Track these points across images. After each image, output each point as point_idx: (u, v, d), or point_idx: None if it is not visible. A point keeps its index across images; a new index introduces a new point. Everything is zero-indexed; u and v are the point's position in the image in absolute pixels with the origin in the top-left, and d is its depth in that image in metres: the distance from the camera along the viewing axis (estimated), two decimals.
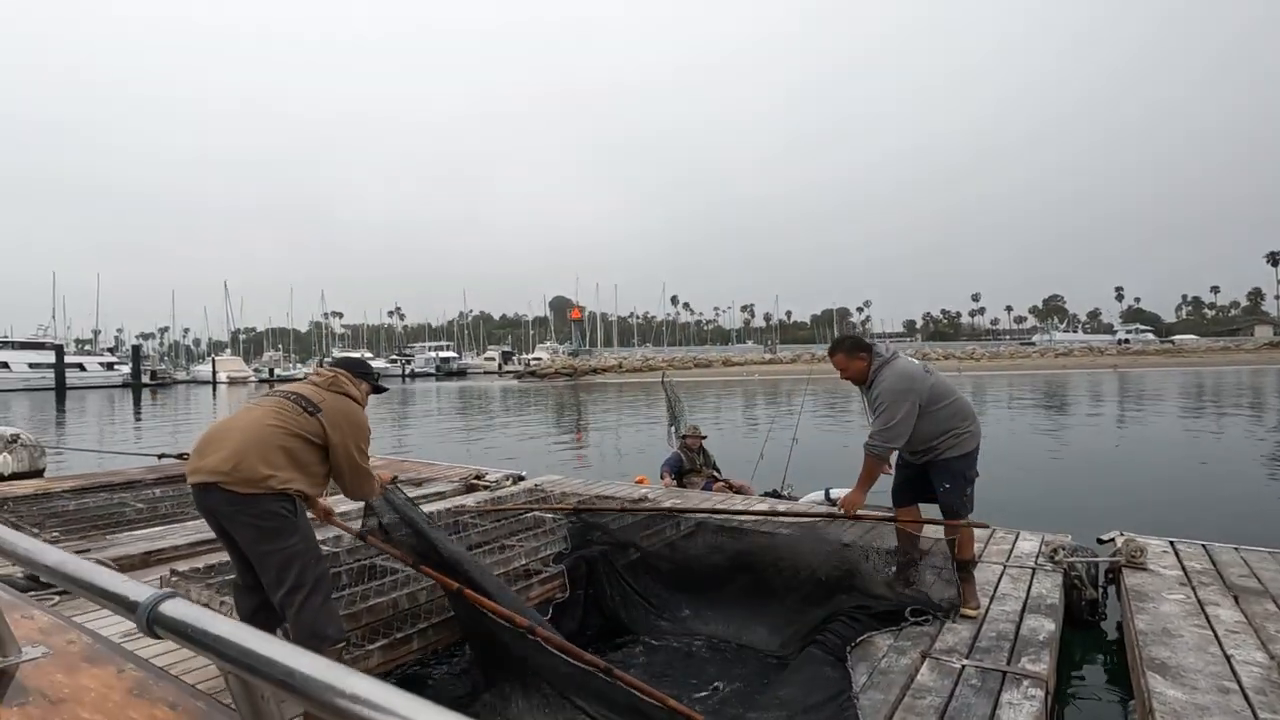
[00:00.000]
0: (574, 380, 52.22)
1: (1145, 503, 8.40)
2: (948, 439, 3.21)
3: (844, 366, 3.41)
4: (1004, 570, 3.95)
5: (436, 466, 8.01)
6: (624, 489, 6.34)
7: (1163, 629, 3.04)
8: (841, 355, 3.41)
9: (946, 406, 3.22)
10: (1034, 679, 2.64)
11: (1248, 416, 18.17)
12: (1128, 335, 79.62)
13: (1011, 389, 31.29)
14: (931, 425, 3.20)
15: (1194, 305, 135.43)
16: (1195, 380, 33.99)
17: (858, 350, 3.38)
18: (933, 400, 3.19)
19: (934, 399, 3.20)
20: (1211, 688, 2.51)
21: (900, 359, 3.34)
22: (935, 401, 3.20)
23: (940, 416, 3.20)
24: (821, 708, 2.49)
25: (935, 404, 3.19)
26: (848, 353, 3.39)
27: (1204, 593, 3.47)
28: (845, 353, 3.40)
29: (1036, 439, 15.00)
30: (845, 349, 3.42)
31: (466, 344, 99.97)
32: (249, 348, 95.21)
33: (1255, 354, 58.20)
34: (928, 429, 3.20)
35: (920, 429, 3.19)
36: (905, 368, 3.26)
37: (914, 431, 3.18)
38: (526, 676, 2.70)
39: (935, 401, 3.20)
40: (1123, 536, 4.18)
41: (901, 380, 3.18)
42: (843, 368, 3.42)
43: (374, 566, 3.94)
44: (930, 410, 3.18)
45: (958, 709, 2.47)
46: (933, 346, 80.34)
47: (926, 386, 3.20)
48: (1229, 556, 4.01)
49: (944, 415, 3.20)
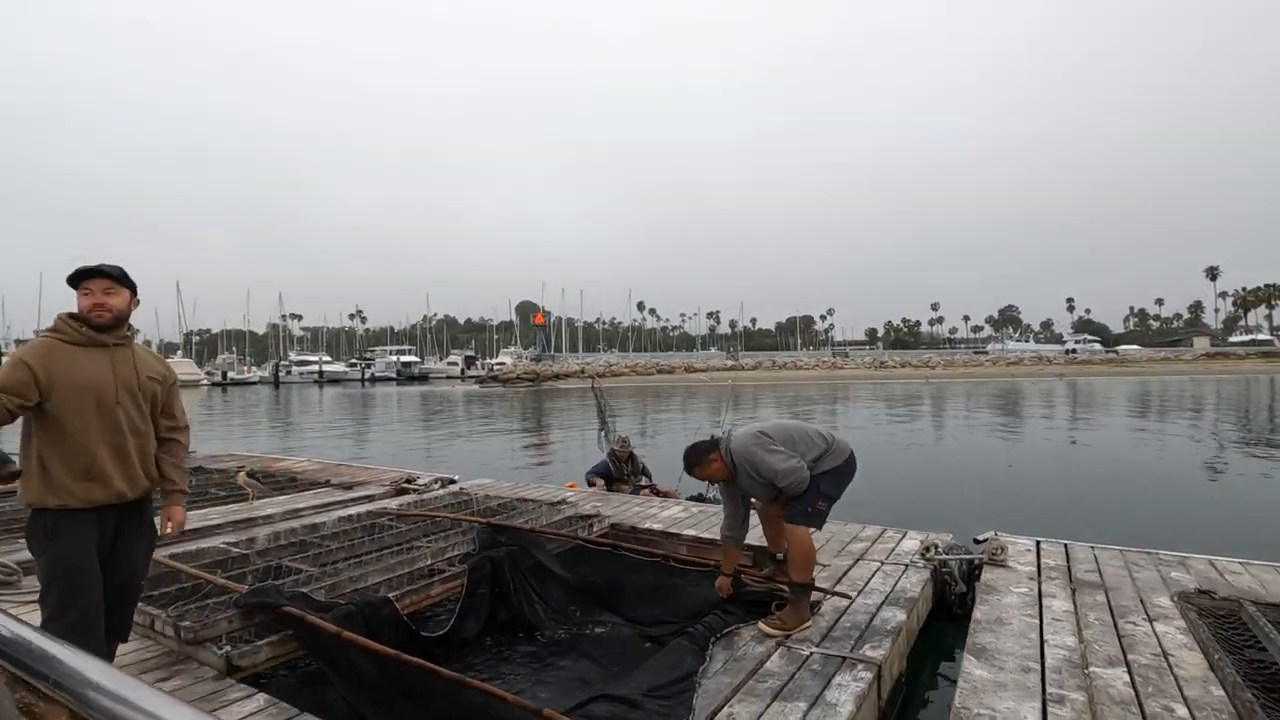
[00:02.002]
0: (536, 386, 52.08)
1: (1050, 504, 8.90)
2: (810, 462, 3.34)
3: (705, 475, 3.47)
4: (880, 567, 4.26)
5: (372, 470, 8.09)
6: (545, 492, 6.53)
7: (996, 618, 3.35)
8: (698, 469, 3.44)
9: (802, 442, 3.36)
10: (867, 663, 2.91)
11: (1171, 424, 19.13)
12: (1075, 345, 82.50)
13: (963, 396, 32.29)
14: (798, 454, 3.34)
15: (1140, 317, 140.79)
16: (1135, 389, 35.48)
17: (705, 454, 3.39)
18: (788, 442, 3.35)
19: (787, 441, 3.35)
20: (1017, 668, 2.81)
21: (736, 433, 3.42)
22: (790, 443, 3.35)
23: (800, 446, 3.35)
24: (667, 688, 2.73)
25: (791, 444, 3.34)
26: (701, 462, 3.41)
27: (1047, 586, 3.80)
28: (698, 465, 3.41)
29: (973, 443, 15.61)
30: (695, 462, 3.42)
31: (430, 348, 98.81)
32: (203, 350, 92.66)
33: (1193, 364, 60.83)
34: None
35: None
36: (742, 438, 3.35)
37: (765, 478, 3.29)
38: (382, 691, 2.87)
39: (790, 443, 3.35)
40: (993, 536, 4.52)
41: (744, 446, 3.29)
42: (707, 477, 3.48)
43: (280, 567, 4.06)
44: (793, 447, 3.35)
45: (792, 690, 2.72)
46: (893, 355, 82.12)
47: (768, 432, 3.35)
48: (1084, 554, 4.38)
49: (802, 445, 3.35)
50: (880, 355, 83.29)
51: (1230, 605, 3.40)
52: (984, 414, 23.95)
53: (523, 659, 3.65)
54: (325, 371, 69.83)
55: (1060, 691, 2.61)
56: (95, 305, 2.43)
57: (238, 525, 5.28)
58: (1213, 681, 2.68)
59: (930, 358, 73.49)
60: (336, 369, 72.38)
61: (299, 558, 4.33)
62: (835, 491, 3.39)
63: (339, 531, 4.90)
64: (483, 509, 5.58)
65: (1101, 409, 24.62)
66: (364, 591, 3.65)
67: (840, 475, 3.40)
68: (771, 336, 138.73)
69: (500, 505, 5.70)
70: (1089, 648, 3.00)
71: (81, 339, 2.42)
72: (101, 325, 2.44)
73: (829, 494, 3.35)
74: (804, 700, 2.63)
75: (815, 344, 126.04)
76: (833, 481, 3.37)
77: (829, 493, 3.35)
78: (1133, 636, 3.12)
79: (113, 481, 2.39)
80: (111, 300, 2.46)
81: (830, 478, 3.35)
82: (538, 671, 3.48)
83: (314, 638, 3.13)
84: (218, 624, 3.12)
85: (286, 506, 5.93)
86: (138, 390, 2.51)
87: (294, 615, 3.17)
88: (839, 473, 3.39)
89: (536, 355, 77.85)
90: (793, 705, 2.60)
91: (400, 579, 3.89)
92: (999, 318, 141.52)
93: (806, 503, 3.32)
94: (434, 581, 3.90)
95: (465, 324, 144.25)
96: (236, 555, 4.25)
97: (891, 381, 48.95)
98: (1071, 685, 2.66)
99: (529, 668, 3.55)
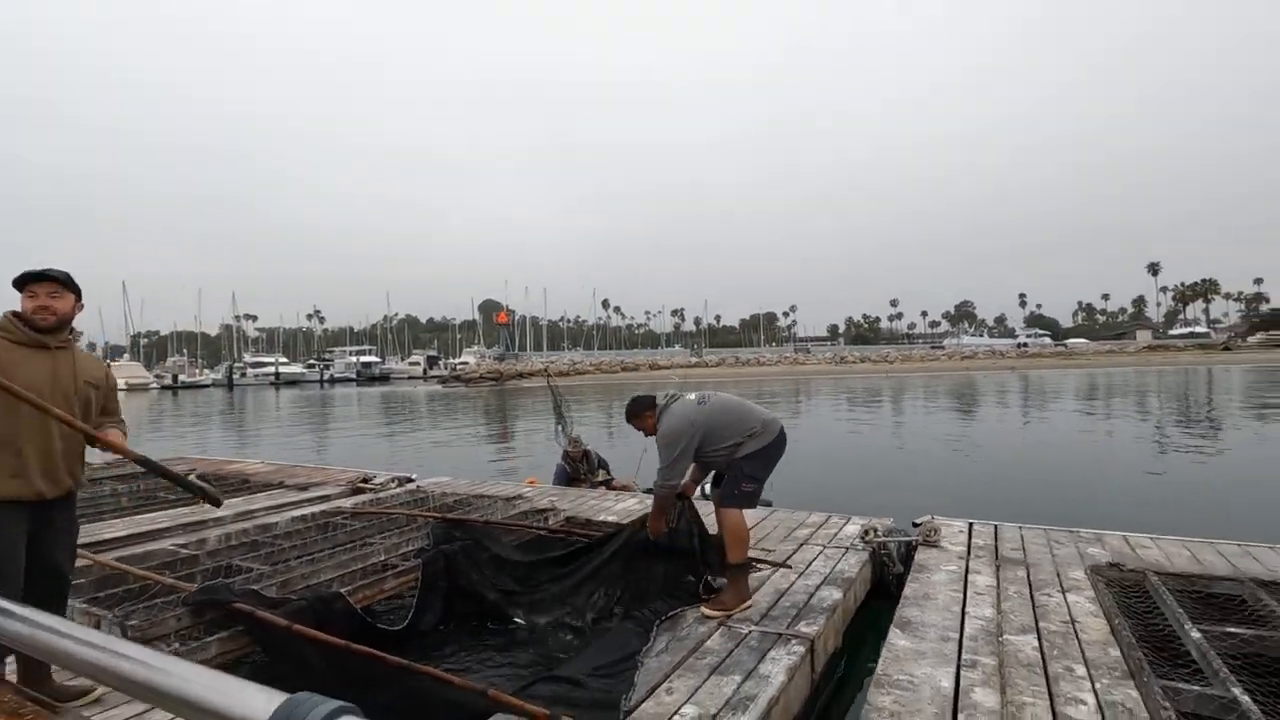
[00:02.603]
0: (500, 385, 51.73)
1: (992, 488, 9.31)
2: (733, 449, 3.52)
3: (640, 427, 3.73)
4: (822, 550, 4.45)
5: (328, 470, 8.04)
6: (502, 488, 6.59)
7: (924, 594, 3.56)
8: (635, 420, 3.73)
9: (731, 425, 3.52)
10: (801, 639, 3.08)
11: (1111, 413, 20.01)
12: (1026, 339, 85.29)
13: (921, 389, 33.16)
14: (722, 443, 3.52)
15: (1088, 311, 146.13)
16: (1081, 381, 36.89)
17: (644, 410, 3.68)
18: (715, 426, 3.51)
19: (715, 424, 3.51)
20: (937, 638, 3.01)
21: (673, 406, 3.61)
22: (717, 426, 3.51)
23: (727, 433, 3.51)
24: (609, 667, 2.86)
25: (718, 428, 3.51)
26: (637, 415, 3.70)
27: (974, 564, 4.04)
28: (636, 416, 3.71)
29: (926, 433, 16.11)
30: (633, 413, 3.72)
31: (391, 348, 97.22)
32: (151, 353, 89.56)
33: (1135, 357, 63.44)
34: (719, 447, 3.52)
35: (715, 450, 3.52)
36: (675, 412, 3.55)
37: (714, 453, 3.53)
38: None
39: (717, 426, 3.51)
40: (929, 519, 4.76)
41: (671, 424, 3.50)
42: (640, 428, 3.75)
43: (231, 566, 4.07)
44: (717, 433, 3.51)
45: (729, 665, 2.87)
46: (853, 350, 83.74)
47: (702, 419, 3.50)
48: (1011, 534, 4.65)
49: (730, 431, 3.51)
50: (841, 351, 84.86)
51: (1136, 576, 3.68)
52: (938, 406, 24.68)
53: (481, 648, 3.72)
54: (282, 373, 68.02)
55: (974, 657, 2.81)
56: (39, 308, 2.46)
57: (188, 528, 5.24)
58: (1112, 644, 2.92)
59: (889, 353, 75.18)
60: (293, 370, 70.60)
61: (250, 557, 4.34)
62: (760, 473, 3.52)
63: (292, 531, 4.91)
64: (439, 505, 5.64)
65: (1049, 400, 25.59)
66: (316, 587, 3.69)
67: (765, 456, 3.52)
68: (736, 333, 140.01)
69: (456, 501, 5.76)
70: (1005, 618, 3.22)
71: (24, 339, 2.45)
72: (45, 328, 2.47)
73: (753, 475, 3.50)
74: (739, 673, 2.78)
75: (778, 340, 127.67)
76: (758, 463, 3.50)
77: (753, 474, 3.49)
78: (1046, 607, 3.35)
79: (34, 481, 2.42)
80: (56, 304, 2.49)
81: (755, 460, 3.49)
82: (494, 659, 3.56)
83: (265, 633, 3.18)
84: (166, 622, 3.14)
85: (239, 509, 5.88)
86: (74, 395, 2.55)
87: (244, 611, 3.21)
88: (764, 454, 3.51)
89: (500, 354, 77.21)
90: (728, 679, 2.75)
91: (354, 574, 3.94)
92: (955, 313, 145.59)
93: (732, 486, 3.49)
94: (387, 576, 3.96)
95: (428, 323, 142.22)
96: (186, 556, 4.24)
97: (851, 376, 49.96)
98: (985, 652, 2.87)
99: (486, 656, 3.63)
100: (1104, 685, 2.56)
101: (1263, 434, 14.78)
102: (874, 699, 2.48)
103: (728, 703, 2.57)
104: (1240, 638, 2.87)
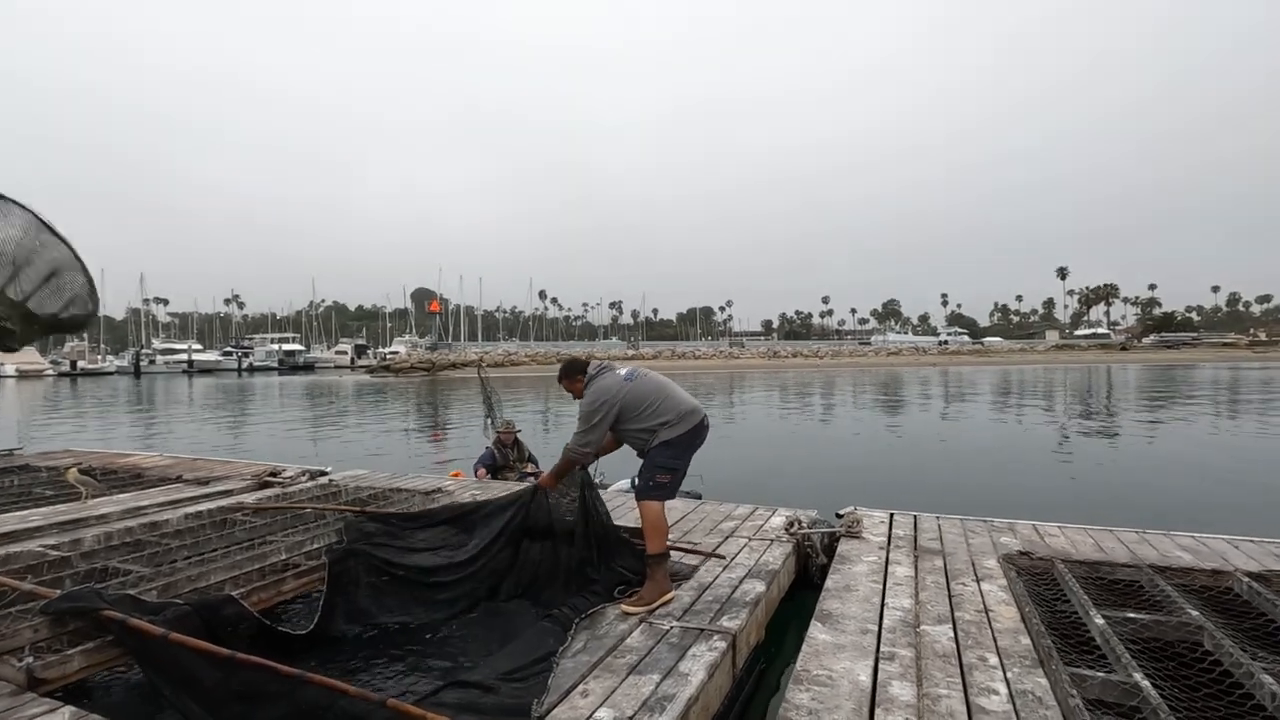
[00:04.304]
0: (431, 375, 50.36)
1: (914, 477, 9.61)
2: (648, 435, 3.45)
3: (570, 389, 3.71)
4: (747, 542, 4.42)
5: (233, 464, 7.52)
6: (421, 482, 6.31)
7: (845, 586, 3.56)
8: (565, 380, 3.72)
9: (649, 408, 3.45)
10: (723, 633, 3.01)
11: (1022, 407, 21.12)
12: (947, 337, 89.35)
13: (849, 384, 34.18)
14: (637, 424, 3.46)
15: (1003, 312, 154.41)
16: (996, 377, 38.88)
17: (576, 373, 3.68)
18: (633, 404, 3.44)
19: (634, 403, 3.44)
20: (857, 630, 3.00)
21: (602, 375, 3.57)
22: (636, 405, 3.44)
23: (644, 415, 3.44)
24: (523, 670, 2.71)
25: (636, 407, 3.44)
26: (569, 377, 3.70)
27: (894, 554, 4.08)
28: (567, 378, 3.71)
29: (852, 426, 16.56)
30: (566, 373, 3.73)
31: (316, 336, 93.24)
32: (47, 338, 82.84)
33: (1044, 355, 67.53)
34: (634, 427, 3.47)
35: (629, 429, 3.49)
36: (602, 382, 3.51)
37: (627, 433, 3.51)
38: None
39: (636, 405, 3.44)
40: (852, 511, 4.80)
41: (596, 394, 3.47)
42: (569, 389, 3.71)
43: (107, 569, 3.70)
44: (634, 413, 3.44)
45: (648, 663, 2.77)
46: (785, 345, 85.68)
47: (622, 395, 3.44)
48: (929, 524, 4.74)
49: (647, 414, 3.44)
50: (774, 346, 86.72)
51: (1045, 564, 3.79)
52: (866, 400, 25.48)
53: (392, 652, 3.50)
54: (195, 361, 64.15)
55: (892, 649, 2.80)
56: None
57: (64, 527, 4.76)
58: (1023, 632, 2.97)
59: (819, 348, 77.36)
60: (208, 358, 66.68)
61: (133, 558, 3.96)
62: (674, 462, 3.45)
63: (184, 529, 4.51)
64: (352, 500, 5.32)
65: (967, 395, 26.82)
66: (205, 591, 3.38)
67: (680, 445, 3.45)
68: (673, 327, 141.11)
69: (371, 495, 5.46)
70: (922, 608, 3.24)
71: None
72: None
73: (666, 465, 3.42)
74: (658, 672, 2.68)
75: (714, 334, 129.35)
76: (671, 453, 3.43)
77: (666, 464, 3.42)
78: (961, 596, 3.40)
79: None
80: None
81: (668, 449, 3.42)
82: (406, 663, 3.35)
83: (139, 643, 2.87)
84: (20, 633, 2.79)
85: (127, 505, 5.39)
86: None
87: (115, 619, 2.89)
88: (679, 444, 3.44)
89: (432, 344, 75.21)
90: (647, 678, 2.64)
91: (249, 576, 3.64)
92: (883, 311, 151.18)
93: (647, 478, 3.43)
94: (286, 577, 3.68)
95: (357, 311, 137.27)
96: (55, 559, 3.82)
97: (784, 370, 51.10)
98: (903, 643, 2.86)
99: (398, 660, 3.41)
100: (1015, 674, 2.58)
101: (1155, 427, 15.88)
102: (792, 696, 2.42)
103: (644, 704, 2.46)
104: (1139, 623, 2.97)
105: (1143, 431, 15.24)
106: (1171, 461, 11.51)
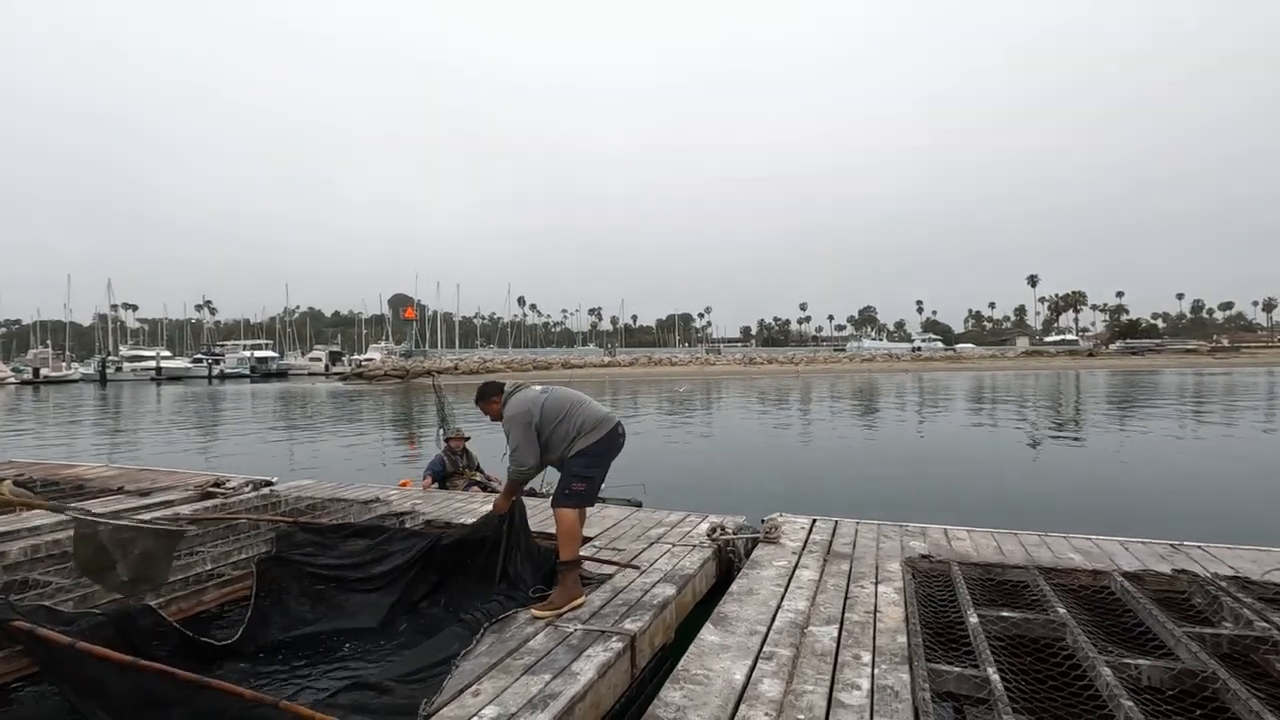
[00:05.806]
0: (405, 383, 50.03)
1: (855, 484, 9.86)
2: (565, 445, 3.62)
3: (486, 411, 3.82)
4: (670, 549, 4.57)
5: (178, 475, 7.52)
6: (363, 491, 6.38)
7: (749, 589, 3.72)
8: (482, 403, 3.82)
9: (564, 418, 3.61)
10: (621, 635, 3.15)
11: (991, 413, 21.59)
12: (921, 344, 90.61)
13: (826, 390, 34.60)
14: (556, 436, 3.61)
15: (977, 319, 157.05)
16: (969, 383, 39.59)
17: (491, 395, 3.79)
18: (549, 417, 3.60)
19: (549, 416, 3.60)
20: (746, 632, 3.15)
21: (518, 391, 3.72)
22: (553, 417, 3.60)
23: (561, 427, 3.60)
24: (424, 671, 2.84)
25: (553, 419, 3.60)
26: (485, 399, 3.81)
27: (805, 559, 4.26)
28: (484, 399, 3.81)
29: (812, 432, 16.83)
30: (483, 396, 3.82)
31: (291, 343, 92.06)
32: (10, 344, 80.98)
33: (1015, 361, 68.78)
34: (554, 439, 3.62)
35: (549, 441, 3.62)
36: (517, 399, 3.66)
37: (548, 445, 3.63)
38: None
39: (553, 417, 3.60)
40: (775, 516, 4.98)
41: (513, 411, 3.60)
42: (486, 411, 3.82)
43: (26, 581, 3.75)
44: (551, 424, 3.60)
45: (544, 664, 2.90)
46: (761, 352, 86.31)
47: (537, 409, 3.59)
48: (847, 529, 4.93)
49: (562, 425, 3.60)
50: (750, 352, 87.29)
51: (943, 567, 3.98)
52: (837, 406, 25.83)
53: (317, 657, 3.59)
54: (164, 368, 63.04)
55: (774, 649, 2.96)
56: None
57: None
58: (902, 631, 3.14)
59: (795, 355, 78.04)
60: (178, 365, 65.58)
61: (57, 570, 4.00)
62: (589, 471, 3.60)
63: None
64: (290, 510, 5.39)
65: (940, 400, 27.31)
66: (123, 601, 3.45)
67: (595, 454, 3.61)
68: (652, 333, 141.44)
69: (310, 505, 5.53)
70: (816, 610, 3.42)
71: None
72: None
73: (581, 474, 3.57)
74: (550, 672, 2.81)
75: (693, 341, 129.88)
76: (585, 462, 3.58)
77: (582, 472, 3.57)
78: (856, 598, 3.58)
79: None
80: None
81: (583, 458, 3.58)
82: (325, 668, 3.44)
83: (46, 652, 2.94)
84: None
85: (61, 517, 5.39)
86: None
87: (24, 629, 2.96)
88: (593, 452, 3.60)
89: (408, 351, 74.64)
90: (538, 678, 2.77)
91: (171, 585, 3.71)
92: (859, 317, 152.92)
93: (562, 485, 3.57)
94: (208, 587, 3.76)
95: (332, 317, 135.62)
96: None
97: (760, 377, 51.52)
98: (786, 644, 3.02)
99: (318, 665, 3.50)
100: (881, 670, 2.75)
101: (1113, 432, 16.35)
102: (665, 694, 2.57)
103: (530, 701, 2.59)
104: (1010, 620, 3.17)
105: (1102, 435, 15.69)
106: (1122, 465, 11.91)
